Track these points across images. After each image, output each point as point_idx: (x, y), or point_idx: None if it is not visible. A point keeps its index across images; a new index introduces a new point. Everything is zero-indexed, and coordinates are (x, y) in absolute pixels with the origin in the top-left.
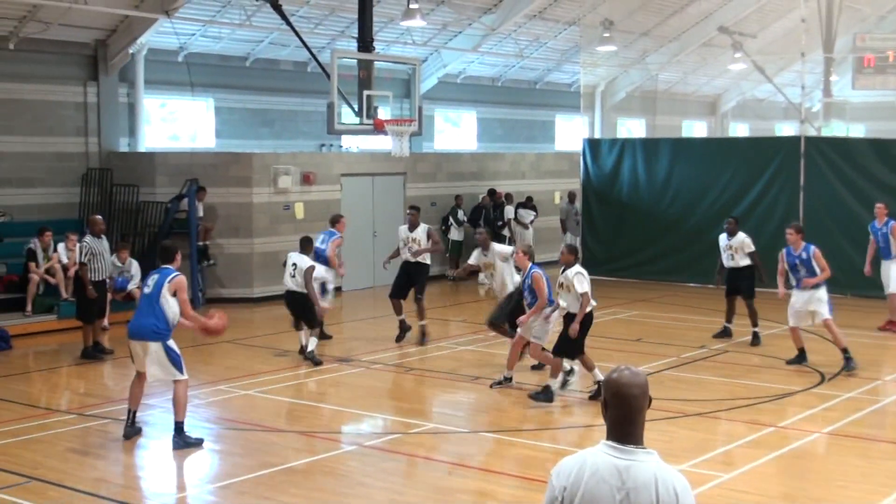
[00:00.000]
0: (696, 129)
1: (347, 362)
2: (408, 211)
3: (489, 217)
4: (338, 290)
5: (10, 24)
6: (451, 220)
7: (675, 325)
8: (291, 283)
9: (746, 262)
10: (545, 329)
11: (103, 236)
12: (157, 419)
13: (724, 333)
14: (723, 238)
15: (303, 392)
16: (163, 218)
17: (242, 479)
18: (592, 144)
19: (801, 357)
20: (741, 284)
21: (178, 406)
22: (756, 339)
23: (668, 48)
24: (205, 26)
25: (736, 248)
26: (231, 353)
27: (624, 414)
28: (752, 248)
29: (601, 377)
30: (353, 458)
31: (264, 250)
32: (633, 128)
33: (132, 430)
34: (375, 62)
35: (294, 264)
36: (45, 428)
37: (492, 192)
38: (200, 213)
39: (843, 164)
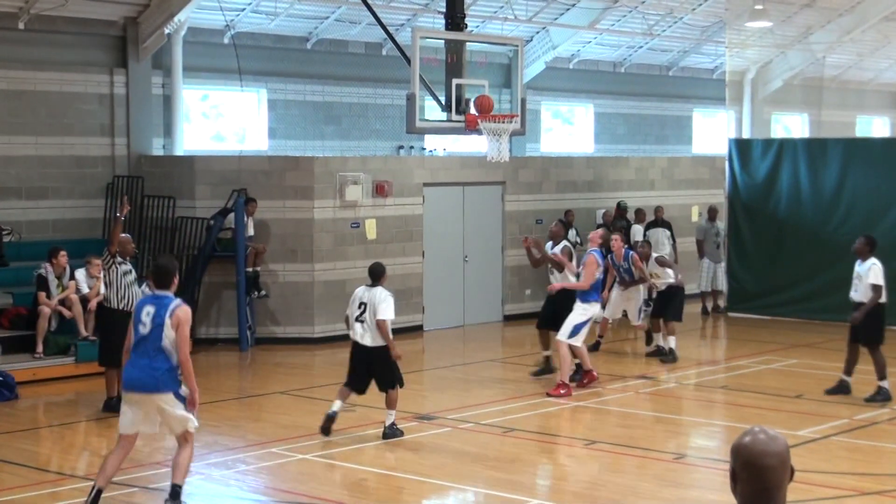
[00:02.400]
0: (875, 126)
1: (429, 420)
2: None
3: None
4: (417, 329)
5: None
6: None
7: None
8: (360, 331)
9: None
10: None
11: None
12: (195, 489)
13: (840, 389)
14: (857, 263)
15: (374, 458)
16: (204, 238)
17: None
18: (740, 146)
19: None
20: (860, 327)
21: (183, 467)
22: (881, 395)
23: (839, 24)
24: (257, 0)
25: (861, 278)
26: (286, 407)
27: (758, 490)
28: (879, 281)
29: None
30: None
31: (327, 279)
32: (792, 125)
33: None
34: (467, 43)
35: (363, 304)
36: (58, 498)
37: (621, 207)
38: (250, 232)
39: None
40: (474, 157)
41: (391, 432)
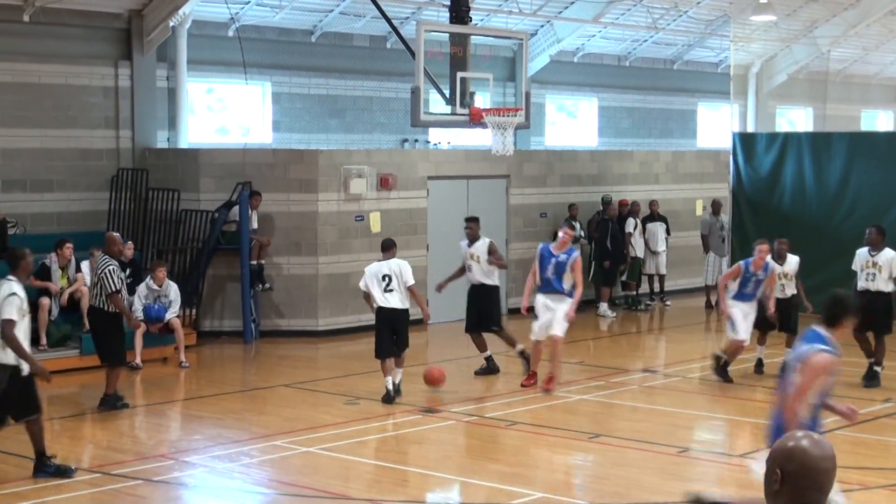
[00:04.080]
0: (880, 120)
1: (433, 414)
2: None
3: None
4: (419, 322)
5: None
6: None
7: (851, 372)
8: (391, 298)
9: (890, 287)
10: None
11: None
12: (199, 481)
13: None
14: (863, 253)
15: (378, 450)
16: (208, 231)
17: None
18: (745, 140)
19: None
20: (877, 315)
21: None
22: (871, 377)
23: (844, 18)
24: None
25: (881, 267)
26: (290, 399)
27: (811, 493)
28: None
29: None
30: None
31: (332, 272)
32: (797, 119)
33: None
34: (472, 37)
35: (387, 276)
36: (61, 490)
37: (606, 202)
38: (254, 225)
39: None
40: (479, 151)
41: (398, 388)
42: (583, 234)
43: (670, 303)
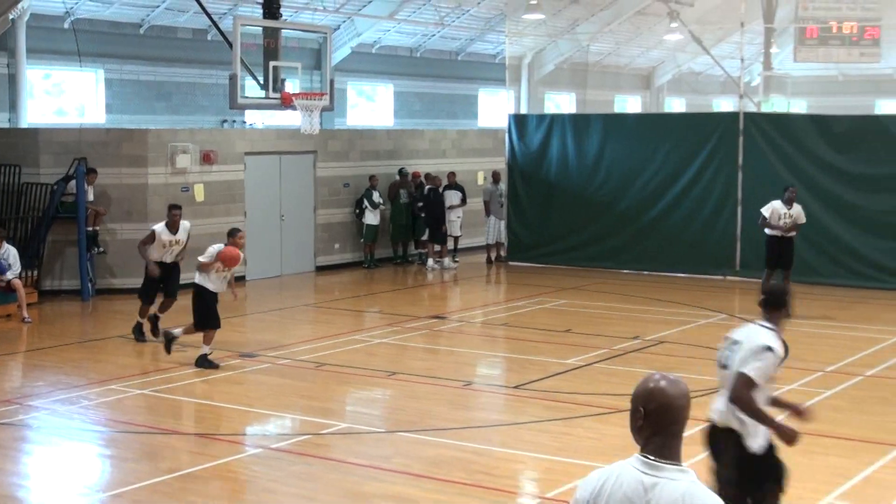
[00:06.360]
0: (629, 104)
1: (251, 357)
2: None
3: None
4: (240, 279)
5: None
6: (365, 202)
7: (607, 315)
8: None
9: (793, 233)
10: None
11: None
12: (42, 422)
13: None
14: (778, 205)
15: (203, 391)
16: (47, 201)
17: (137, 487)
18: (518, 121)
19: None
20: (787, 255)
21: None
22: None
23: (600, 17)
24: None
25: (793, 217)
26: (124, 349)
27: (665, 427)
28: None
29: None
30: (259, 462)
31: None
32: (561, 103)
33: None
34: (282, 30)
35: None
36: None
37: (403, 174)
38: (90, 198)
39: (784, 142)
40: (289, 130)
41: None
42: (381, 201)
43: (458, 260)
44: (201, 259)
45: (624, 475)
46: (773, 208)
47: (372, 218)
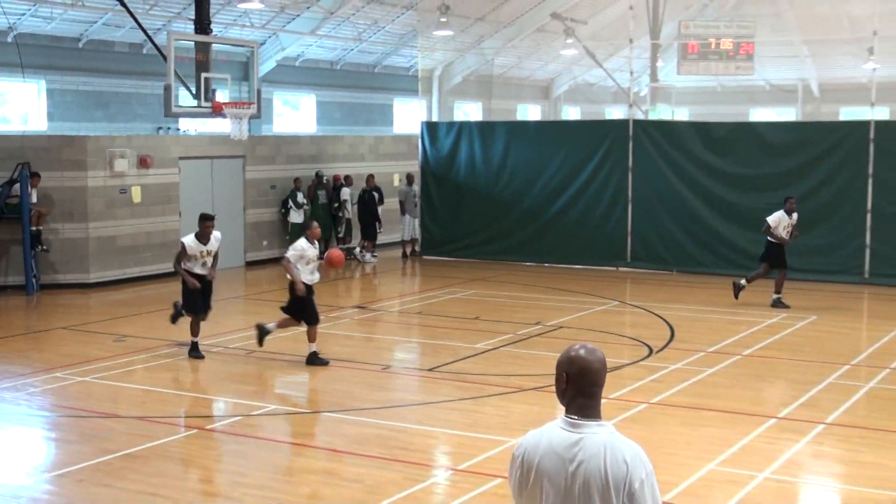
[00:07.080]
0: (530, 112)
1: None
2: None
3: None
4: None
5: None
6: (290, 202)
7: (511, 303)
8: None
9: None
10: None
11: None
12: None
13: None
14: (783, 216)
15: (141, 377)
16: None
17: (80, 467)
18: (430, 127)
19: None
20: (782, 258)
21: None
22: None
23: (503, 33)
24: (35, 5)
25: (796, 226)
26: (67, 339)
27: (585, 389)
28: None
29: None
30: (194, 442)
31: (100, 235)
32: (469, 111)
33: None
34: (213, 45)
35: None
36: None
37: (320, 176)
38: (34, 199)
39: (668, 147)
40: (220, 136)
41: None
42: (304, 201)
43: (377, 255)
44: (289, 256)
45: (553, 434)
46: (778, 218)
47: (296, 217)
